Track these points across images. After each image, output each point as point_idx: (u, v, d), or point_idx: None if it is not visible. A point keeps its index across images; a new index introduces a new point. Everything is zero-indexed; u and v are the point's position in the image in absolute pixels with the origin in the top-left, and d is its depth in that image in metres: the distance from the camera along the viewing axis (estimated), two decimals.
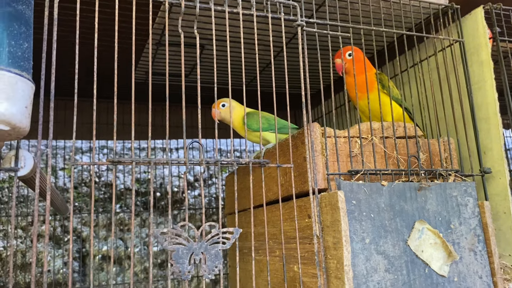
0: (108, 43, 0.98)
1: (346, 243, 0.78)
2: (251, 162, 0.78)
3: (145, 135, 2.02)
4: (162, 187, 2.33)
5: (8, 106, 0.57)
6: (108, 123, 1.91)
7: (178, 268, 0.69)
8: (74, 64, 0.70)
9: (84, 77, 0.75)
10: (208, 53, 1.30)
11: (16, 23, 0.60)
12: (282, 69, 1.13)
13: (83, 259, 2.16)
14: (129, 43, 0.91)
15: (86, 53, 0.75)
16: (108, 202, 2.23)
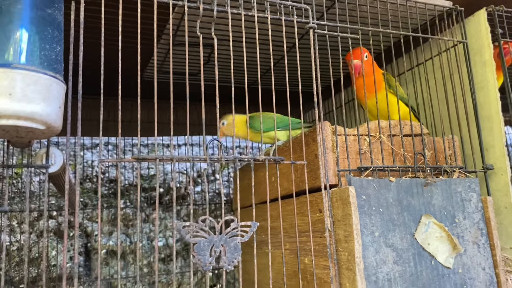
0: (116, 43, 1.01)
1: (357, 236, 0.82)
2: (267, 160, 0.82)
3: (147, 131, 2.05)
4: (166, 183, 2.36)
5: (44, 106, 0.60)
6: (112, 120, 1.94)
7: (200, 260, 0.73)
8: (94, 64, 0.73)
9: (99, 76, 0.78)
10: (219, 53, 1.33)
11: (49, 27, 0.63)
12: (290, 68, 1.16)
13: (88, 254, 2.19)
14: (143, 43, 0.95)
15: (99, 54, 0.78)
16: (112, 197, 2.26)
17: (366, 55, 1.08)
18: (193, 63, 1.41)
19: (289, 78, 0.92)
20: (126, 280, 2.18)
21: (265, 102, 0.86)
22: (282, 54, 1.38)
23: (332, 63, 1.38)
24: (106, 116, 1.94)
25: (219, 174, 2.47)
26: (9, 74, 0.58)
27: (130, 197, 2.30)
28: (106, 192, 2.25)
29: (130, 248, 2.25)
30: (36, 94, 0.59)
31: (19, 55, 0.60)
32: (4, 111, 0.57)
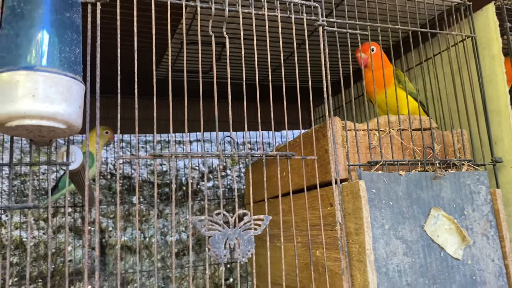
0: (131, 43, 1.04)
1: (367, 229, 0.84)
2: (278, 155, 0.84)
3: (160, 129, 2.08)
4: (178, 179, 2.40)
5: (66, 107, 0.63)
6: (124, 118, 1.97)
7: (215, 252, 0.76)
8: (110, 64, 0.76)
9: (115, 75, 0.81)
10: (231, 50, 1.36)
11: (69, 30, 0.66)
12: (300, 64, 1.18)
13: (102, 249, 2.23)
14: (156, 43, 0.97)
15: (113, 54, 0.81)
16: (126, 194, 2.30)
17: (373, 48, 1.09)
18: (205, 61, 1.44)
19: (299, 74, 0.94)
20: (140, 275, 2.23)
21: (276, 98, 0.88)
22: (291, 51, 1.39)
23: (342, 59, 1.39)
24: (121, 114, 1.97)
25: (231, 169, 2.50)
26: (32, 77, 0.61)
27: (143, 193, 2.34)
28: (120, 188, 2.29)
29: (144, 243, 2.29)
30: (57, 95, 0.62)
31: (41, 57, 0.63)
32: (28, 112, 0.60)
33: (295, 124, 2.08)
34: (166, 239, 2.30)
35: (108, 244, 2.24)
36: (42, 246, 2.13)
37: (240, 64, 1.23)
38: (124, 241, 2.24)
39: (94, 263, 2.10)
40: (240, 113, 1.91)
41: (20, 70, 0.61)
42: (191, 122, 0.89)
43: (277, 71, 1.58)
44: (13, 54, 0.62)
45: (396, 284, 0.85)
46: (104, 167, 2.31)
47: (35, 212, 2.13)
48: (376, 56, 1.09)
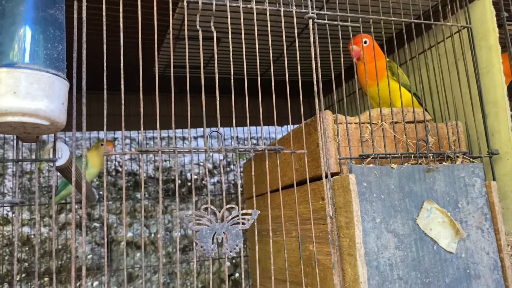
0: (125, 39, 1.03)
1: (357, 223, 0.84)
2: (267, 149, 0.84)
3: (164, 125, 2.09)
4: (183, 174, 2.41)
5: (48, 103, 0.63)
6: (129, 115, 1.98)
7: (203, 247, 0.76)
8: (99, 60, 0.76)
9: (109, 72, 0.81)
10: (223, 45, 1.35)
11: (51, 27, 0.67)
12: (295, 59, 1.17)
13: (108, 245, 2.25)
14: (148, 38, 0.97)
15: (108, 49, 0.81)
16: (131, 190, 2.32)
17: (366, 41, 1.08)
18: (198, 57, 1.44)
19: (295, 68, 0.93)
20: (146, 270, 2.24)
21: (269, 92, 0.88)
22: (287, 44, 1.39)
23: (334, 52, 1.39)
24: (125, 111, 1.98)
25: (235, 165, 2.50)
26: (14, 74, 0.61)
27: (148, 189, 2.35)
28: (126, 184, 2.30)
29: (149, 239, 2.30)
30: (39, 91, 0.62)
31: (23, 55, 0.63)
32: (10, 109, 0.60)
33: (298, 118, 2.08)
34: (171, 235, 2.31)
35: (114, 240, 2.26)
36: (49, 242, 2.16)
37: (234, 59, 1.23)
38: (129, 237, 2.25)
39: (101, 259, 2.11)
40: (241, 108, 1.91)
41: (2, 68, 0.61)
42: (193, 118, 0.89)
43: (274, 65, 1.58)
44: None
45: (387, 278, 0.85)
46: (109, 163, 2.33)
47: (42, 209, 2.15)
48: (369, 48, 1.08)
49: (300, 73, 0.91)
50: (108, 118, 0.78)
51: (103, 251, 2.21)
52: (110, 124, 0.82)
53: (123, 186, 0.74)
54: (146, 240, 2.30)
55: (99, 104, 1.74)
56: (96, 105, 1.66)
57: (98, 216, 2.24)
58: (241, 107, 1.75)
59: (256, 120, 2.08)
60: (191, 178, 2.37)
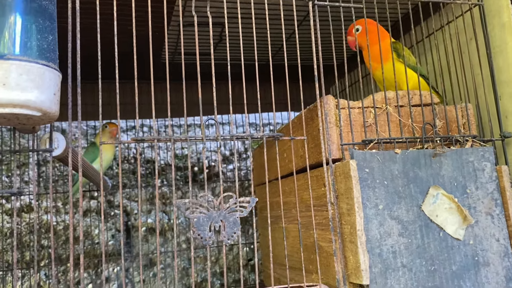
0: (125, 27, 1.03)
1: (358, 209, 0.82)
2: (265, 136, 0.82)
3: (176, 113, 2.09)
4: (200, 162, 2.42)
5: (38, 94, 0.63)
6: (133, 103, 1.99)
7: (200, 235, 0.76)
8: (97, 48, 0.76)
9: (108, 60, 0.81)
10: (231, 31, 1.34)
11: (40, 18, 0.67)
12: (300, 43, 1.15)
13: (128, 232, 2.29)
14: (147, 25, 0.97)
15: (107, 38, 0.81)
16: (149, 177, 2.34)
17: (358, 28, 1.05)
18: (206, 43, 1.43)
19: (302, 52, 0.91)
20: (165, 256, 2.28)
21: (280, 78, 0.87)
22: (291, 31, 1.36)
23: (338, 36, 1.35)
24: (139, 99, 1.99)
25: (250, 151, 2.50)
26: (3, 65, 0.62)
27: (166, 176, 2.38)
28: (144, 172, 2.33)
29: (168, 225, 2.33)
30: (29, 82, 0.63)
31: (13, 46, 0.64)
32: (0, 100, 0.61)
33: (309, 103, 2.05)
34: (189, 221, 2.34)
35: (133, 227, 2.30)
36: (71, 229, 2.20)
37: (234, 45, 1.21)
38: (149, 223, 2.29)
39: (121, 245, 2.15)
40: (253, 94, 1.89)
41: None
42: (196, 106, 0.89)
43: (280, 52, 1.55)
44: None
45: (390, 266, 0.83)
46: (127, 151, 2.35)
47: (62, 197, 2.21)
48: (371, 31, 1.05)
49: (307, 58, 0.89)
50: (114, 107, 0.79)
51: (124, 237, 2.25)
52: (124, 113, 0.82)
53: (120, 174, 0.74)
54: (165, 226, 2.33)
55: (110, 93, 1.76)
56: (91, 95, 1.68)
57: (118, 203, 2.28)
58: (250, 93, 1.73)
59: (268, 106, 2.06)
60: (208, 165, 2.38)
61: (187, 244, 2.33)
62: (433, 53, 1.15)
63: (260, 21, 0.98)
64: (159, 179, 2.36)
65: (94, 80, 1.18)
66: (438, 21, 1.11)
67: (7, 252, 2.05)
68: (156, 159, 0.74)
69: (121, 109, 0.79)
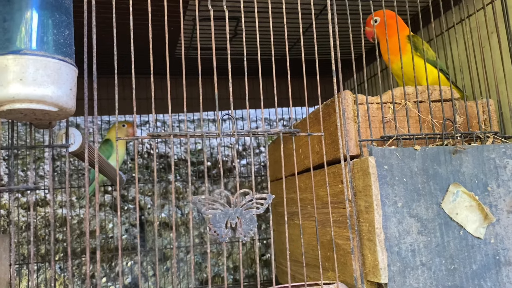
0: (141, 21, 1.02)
1: (377, 207, 0.81)
2: (281, 132, 0.81)
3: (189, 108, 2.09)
4: (213, 157, 2.42)
5: (54, 89, 0.63)
6: (148, 98, 2.00)
7: (216, 231, 0.75)
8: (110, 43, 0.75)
9: (125, 55, 0.81)
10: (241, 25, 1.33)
11: (57, 12, 0.66)
12: (317, 37, 1.14)
13: (142, 226, 2.30)
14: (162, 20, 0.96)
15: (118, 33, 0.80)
16: (163, 172, 2.35)
17: (376, 19, 1.03)
18: (221, 38, 1.42)
19: (320, 46, 0.90)
20: (178, 250, 2.28)
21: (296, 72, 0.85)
22: (308, 25, 1.34)
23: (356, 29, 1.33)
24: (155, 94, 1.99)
25: (265, 147, 2.49)
26: (20, 61, 0.61)
27: (180, 171, 2.38)
28: (157, 167, 2.34)
29: (181, 220, 2.34)
30: (45, 78, 0.62)
31: (29, 41, 0.63)
32: (17, 96, 0.61)
33: (324, 99, 2.03)
34: (203, 216, 2.34)
35: (147, 221, 2.30)
36: (85, 223, 2.22)
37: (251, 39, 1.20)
38: (163, 218, 2.29)
39: (135, 239, 2.16)
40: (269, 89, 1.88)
41: (8, 55, 0.61)
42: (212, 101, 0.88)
43: (298, 44, 1.53)
44: (2, 38, 0.63)
45: (409, 264, 0.82)
46: (141, 146, 2.36)
47: (77, 191, 2.22)
48: (388, 24, 1.02)
49: (324, 52, 0.87)
50: (129, 101, 0.78)
51: (136, 232, 2.26)
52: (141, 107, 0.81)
53: (136, 169, 0.74)
54: (178, 221, 2.33)
55: (124, 88, 1.76)
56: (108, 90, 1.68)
57: (132, 197, 2.29)
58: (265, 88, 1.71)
59: (283, 101, 2.04)
60: (221, 160, 2.38)
61: (199, 239, 2.33)
62: (452, 47, 1.12)
63: (274, 15, 0.97)
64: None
65: (107, 75, 1.18)
66: (458, 14, 1.08)
67: (22, 246, 2.07)
68: (172, 154, 0.73)
69: (136, 104, 0.79)
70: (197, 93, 0.83)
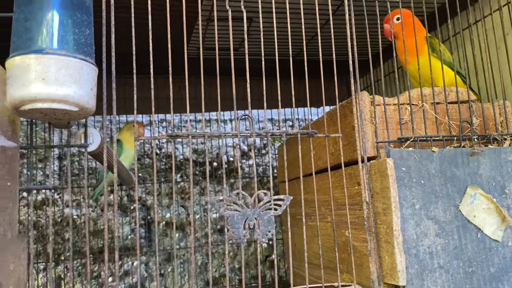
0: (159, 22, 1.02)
1: (395, 209, 0.80)
2: (299, 133, 0.81)
3: (198, 108, 2.09)
4: (218, 157, 2.41)
5: (76, 89, 0.63)
6: (166, 98, 1.99)
7: (234, 232, 0.75)
8: (128, 44, 0.75)
9: (142, 54, 0.80)
10: (256, 25, 1.32)
11: (78, 11, 0.66)
12: (329, 38, 1.13)
13: (148, 226, 2.30)
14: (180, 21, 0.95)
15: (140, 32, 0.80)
16: (169, 172, 2.34)
17: (398, 17, 1.02)
18: (234, 38, 1.41)
19: (329, 48, 0.89)
20: (184, 250, 2.28)
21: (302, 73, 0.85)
22: (322, 23, 1.34)
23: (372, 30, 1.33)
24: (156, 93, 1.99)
25: (272, 147, 2.48)
26: (42, 60, 0.61)
27: (185, 171, 2.38)
28: (163, 167, 2.33)
29: (187, 220, 2.33)
30: (67, 77, 0.62)
31: (50, 40, 0.63)
32: (39, 95, 0.60)
33: (333, 100, 2.02)
34: (206, 216, 2.33)
35: (152, 221, 2.30)
36: (92, 223, 2.22)
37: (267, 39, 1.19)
38: (168, 217, 2.29)
39: (140, 239, 2.15)
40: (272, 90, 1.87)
41: (30, 54, 0.61)
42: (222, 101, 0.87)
43: (309, 44, 1.53)
44: (23, 38, 0.62)
45: (427, 267, 0.81)
46: (146, 146, 2.36)
47: (84, 191, 2.22)
48: (407, 23, 1.02)
49: (341, 52, 0.87)
50: (137, 101, 0.78)
51: (143, 232, 2.26)
52: (140, 108, 0.81)
53: (154, 168, 0.73)
54: (184, 221, 2.32)
55: (127, 88, 1.75)
56: (123, 90, 1.68)
57: (138, 197, 2.28)
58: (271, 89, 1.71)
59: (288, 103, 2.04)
60: (227, 160, 2.37)
61: (205, 239, 2.33)
62: (467, 48, 1.11)
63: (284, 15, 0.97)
64: (178, 174, 2.36)
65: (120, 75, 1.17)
66: (473, 15, 1.07)
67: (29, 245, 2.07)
68: (190, 155, 0.73)
69: (140, 103, 0.78)
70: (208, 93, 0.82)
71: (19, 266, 0.68)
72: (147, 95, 0.76)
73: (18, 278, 0.67)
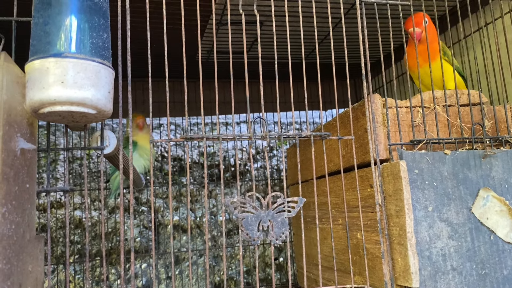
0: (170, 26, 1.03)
1: (408, 211, 0.80)
2: (312, 135, 0.81)
3: (208, 111, 2.10)
4: (226, 160, 2.42)
5: (94, 92, 0.63)
6: (175, 101, 2.00)
7: (248, 234, 0.75)
8: (146, 47, 0.76)
9: (154, 58, 0.81)
10: (266, 29, 1.33)
11: (96, 16, 0.67)
12: (340, 40, 1.14)
13: (156, 229, 2.30)
14: (192, 24, 0.96)
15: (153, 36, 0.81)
16: (177, 175, 2.35)
17: (427, 21, 1.03)
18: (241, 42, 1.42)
19: (340, 51, 0.90)
20: (192, 253, 2.28)
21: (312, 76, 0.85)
22: (333, 26, 1.34)
23: (383, 33, 1.33)
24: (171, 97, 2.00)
25: (278, 150, 2.49)
26: (61, 63, 0.62)
27: (193, 174, 2.38)
28: (172, 170, 2.34)
29: (195, 223, 2.34)
30: (86, 80, 0.63)
31: (69, 44, 0.64)
32: (58, 98, 0.61)
33: (343, 102, 2.03)
34: (216, 219, 2.34)
35: (161, 224, 2.31)
36: (99, 225, 2.23)
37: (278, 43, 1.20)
38: (175, 220, 2.29)
39: (149, 242, 2.16)
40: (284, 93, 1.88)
41: (50, 58, 0.62)
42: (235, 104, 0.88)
43: (319, 46, 1.53)
44: (43, 41, 0.63)
45: (440, 269, 0.81)
46: (155, 149, 2.37)
47: (92, 194, 2.23)
48: (427, 26, 1.02)
49: (353, 55, 0.87)
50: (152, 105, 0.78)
51: (151, 234, 2.26)
52: (154, 111, 0.81)
53: (169, 170, 0.74)
54: (192, 224, 2.33)
55: (143, 92, 1.76)
56: (140, 93, 1.68)
57: (145, 200, 2.29)
58: (283, 91, 1.72)
59: (299, 105, 2.04)
60: (234, 163, 2.38)
61: (212, 242, 2.33)
62: (477, 51, 1.12)
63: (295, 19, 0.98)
64: (186, 177, 2.36)
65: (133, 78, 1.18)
66: (483, 18, 1.08)
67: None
68: (205, 157, 0.73)
69: (154, 106, 0.79)
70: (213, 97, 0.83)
71: (37, 267, 0.68)
72: (163, 99, 0.77)
73: (36, 278, 0.68)
